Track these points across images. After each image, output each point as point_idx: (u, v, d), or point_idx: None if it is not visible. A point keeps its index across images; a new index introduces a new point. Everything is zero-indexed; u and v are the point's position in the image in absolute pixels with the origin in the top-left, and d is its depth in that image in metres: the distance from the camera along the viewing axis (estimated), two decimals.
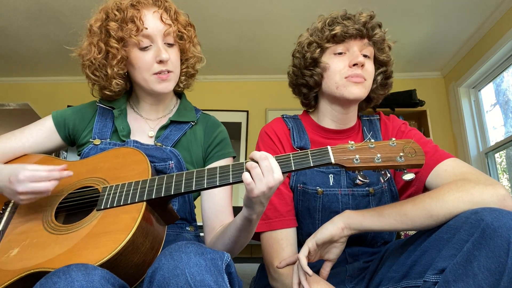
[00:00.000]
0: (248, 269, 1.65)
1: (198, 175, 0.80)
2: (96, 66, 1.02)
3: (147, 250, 0.76)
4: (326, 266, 0.89)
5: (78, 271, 0.60)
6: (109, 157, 0.93)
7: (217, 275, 0.64)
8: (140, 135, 1.07)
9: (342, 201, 1.02)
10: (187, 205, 1.06)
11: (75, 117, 1.09)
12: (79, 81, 3.78)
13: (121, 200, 0.80)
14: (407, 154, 0.72)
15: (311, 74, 1.08)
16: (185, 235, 1.04)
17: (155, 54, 0.99)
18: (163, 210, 0.84)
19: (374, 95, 1.13)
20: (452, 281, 0.68)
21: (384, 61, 1.10)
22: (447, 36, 3.13)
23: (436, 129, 3.45)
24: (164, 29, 1.00)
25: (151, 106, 1.10)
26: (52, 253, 0.74)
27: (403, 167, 0.73)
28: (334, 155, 0.75)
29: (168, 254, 0.65)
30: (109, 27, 0.98)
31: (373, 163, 0.73)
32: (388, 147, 0.74)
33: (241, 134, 3.65)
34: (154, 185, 0.81)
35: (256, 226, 0.88)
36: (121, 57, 0.99)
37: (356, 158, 0.73)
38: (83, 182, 0.90)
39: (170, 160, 1.00)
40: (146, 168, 0.86)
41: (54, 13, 2.85)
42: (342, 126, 1.11)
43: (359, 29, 1.02)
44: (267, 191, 0.74)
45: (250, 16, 2.91)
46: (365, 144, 0.75)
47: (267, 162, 0.75)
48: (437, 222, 0.79)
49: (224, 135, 1.14)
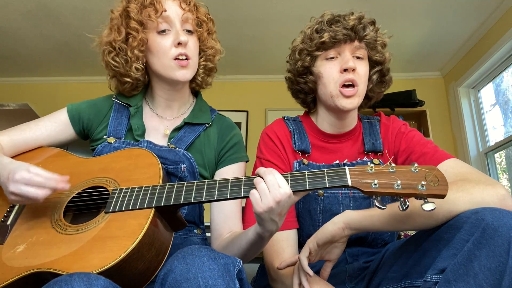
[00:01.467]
0: (248, 269, 1.65)
1: (209, 186, 0.79)
2: (117, 51, 1.03)
3: (152, 258, 0.75)
4: (326, 267, 0.89)
5: (80, 281, 0.60)
6: (121, 158, 0.93)
7: (229, 280, 0.64)
8: (155, 134, 1.06)
9: (343, 203, 1.02)
10: (196, 208, 1.05)
11: (90, 112, 1.09)
12: (79, 81, 3.79)
13: (130, 204, 0.79)
14: (430, 183, 0.68)
15: (304, 81, 1.09)
16: (192, 238, 1.03)
17: (173, 38, 1.00)
18: (171, 217, 0.83)
19: (372, 94, 1.13)
20: (453, 280, 0.68)
21: (379, 60, 1.09)
22: (447, 36, 3.13)
23: (436, 129, 3.45)
24: (183, 14, 1.01)
25: (166, 102, 1.09)
26: (57, 254, 0.74)
27: (424, 196, 0.68)
28: (352, 178, 0.72)
29: (181, 257, 0.65)
30: (130, 9, 1.00)
31: (393, 190, 0.69)
32: (409, 173, 0.70)
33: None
34: (164, 192, 0.80)
35: (267, 242, 0.86)
36: (140, 39, 0.99)
37: (374, 183, 0.70)
38: (94, 181, 0.90)
39: (182, 163, 1.00)
40: (157, 173, 0.85)
41: (54, 13, 2.85)
42: (341, 130, 1.11)
43: (347, 33, 1.01)
44: (275, 206, 0.71)
45: (250, 16, 2.91)
46: (385, 168, 0.72)
47: (272, 176, 0.72)
48: (437, 222, 0.79)
49: (238, 138, 1.12)
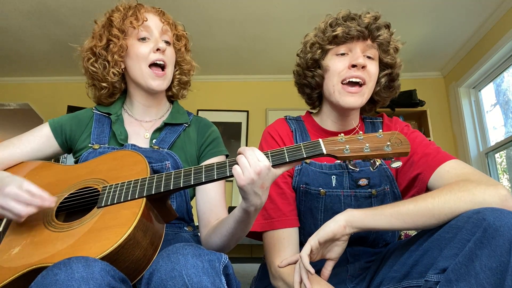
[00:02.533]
0: (248, 269, 1.65)
1: (196, 171, 0.82)
2: (96, 56, 1.08)
3: (147, 245, 0.77)
4: (328, 266, 0.89)
5: (78, 263, 0.61)
6: (107, 160, 0.95)
7: (215, 276, 0.65)
8: (136, 138, 1.09)
9: (344, 202, 1.02)
10: (185, 204, 1.07)
11: (72, 123, 1.11)
12: (79, 81, 3.78)
13: (121, 197, 0.81)
14: (394, 144, 0.78)
15: (312, 75, 1.09)
16: (183, 234, 1.05)
17: (153, 45, 1.06)
18: (162, 207, 0.85)
19: (378, 98, 1.12)
20: (454, 280, 0.68)
21: (389, 63, 1.08)
22: (447, 36, 3.13)
23: (436, 129, 3.45)
24: (162, 26, 1.09)
25: (144, 107, 1.13)
26: (54, 249, 0.75)
27: (390, 156, 0.79)
28: (326, 147, 0.80)
29: (166, 256, 0.66)
30: (113, 18, 1.07)
31: (363, 153, 0.78)
32: (375, 138, 0.80)
33: (241, 134, 3.65)
34: (154, 181, 0.82)
35: (254, 220, 0.89)
36: (121, 45, 1.05)
37: (346, 148, 0.79)
38: (83, 183, 0.91)
39: (166, 160, 1.03)
40: (144, 168, 0.87)
41: (54, 13, 2.85)
42: (344, 128, 1.11)
43: (361, 30, 1.01)
44: (256, 177, 0.75)
45: (250, 16, 2.91)
46: (354, 136, 0.81)
47: (251, 151, 0.78)
48: (439, 221, 0.79)
49: (216, 134, 1.18)
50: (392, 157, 0.79)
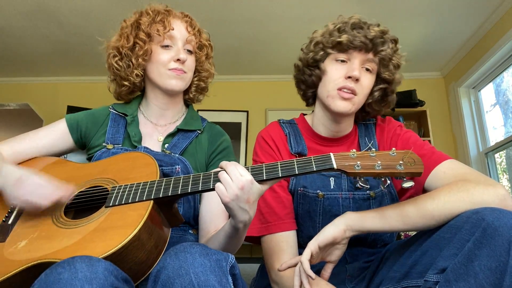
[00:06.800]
0: (248, 269, 1.65)
1: (204, 177, 0.82)
2: (122, 56, 1.10)
3: (151, 248, 0.77)
4: (327, 268, 0.89)
5: (82, 263, 0.61)
6: (119, 160, 0.97)
7: (222, 276, 0.65)
8: (149, 141, 1.10)
9: (343, 204, 1.02)
10: (192, 210, 1.07)
11: (88, 120, 1.13)
12: (79, 81, 3.78)
13: (129, 198, 0.82)
14: (407, 163, 0.75)
15: (310, 73, 1.09)
16: (188, 237, 1.05)
17: (174, 54, 1.08)
18: (169, 211, 0.86)
19: (369, 110, 1.12)
20: (453, 280, 0.68)
21: (386, 79, 1.07)
22: (447, 36, 3.14)
23: (436, 129, 3.45)
24: (187, 36, 1.11)
25: (160, 110, 1.14)
26: (59, 245, 0.76)
27: (402, 175, 0.76)
28: (336, 161, 0.78)
29: (174, 254, 0.66)
30: (141, 21, 1.10)
31: (374, 170, 0.76)
32: (388, 156, 0.77)
33: (241, 134, 3.65)
34: (162, 185, 0.83)
35: (244, 235, 0.89)
36: (146, 49, 1.07)
37: (357, 165, 0.76)
38: (93, 182, 0.92)
39: (177, 164, 1.04)
40: (154, 171, 0.88)
41: (54, 13, 2.85)
42: (336, 134, 1.11)
43: (365, 42, 1.00)
44: (239, 193, 0.75)
45: (250, 16, 2.92)
46: (366, 153, 0.79)
47: (233, 167, 0.78)
48: (438, 222, 0.79)
49: (227, 144, 1.17)
50: (404, 176, 0.76)
